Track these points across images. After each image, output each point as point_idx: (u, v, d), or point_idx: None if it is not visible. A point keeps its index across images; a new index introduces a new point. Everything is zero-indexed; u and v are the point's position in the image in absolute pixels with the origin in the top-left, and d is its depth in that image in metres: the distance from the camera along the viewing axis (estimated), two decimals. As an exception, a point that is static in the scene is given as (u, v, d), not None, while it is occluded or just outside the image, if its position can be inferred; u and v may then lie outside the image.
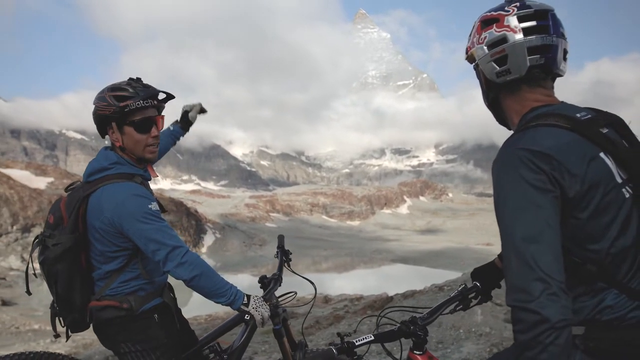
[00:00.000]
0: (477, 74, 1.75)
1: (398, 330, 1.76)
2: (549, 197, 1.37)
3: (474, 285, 2.04)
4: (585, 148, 1.43)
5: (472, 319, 7.18)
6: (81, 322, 2.38)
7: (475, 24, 1.68)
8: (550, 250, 1.32)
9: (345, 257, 56.22)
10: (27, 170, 44.23)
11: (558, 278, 1.29)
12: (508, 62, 1.56)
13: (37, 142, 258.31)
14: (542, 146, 1.40)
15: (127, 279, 2.32)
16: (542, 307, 1.25)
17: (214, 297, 2.28)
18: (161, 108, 2.46)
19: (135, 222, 2.18)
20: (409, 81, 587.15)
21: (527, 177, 1.37)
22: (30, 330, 20.15)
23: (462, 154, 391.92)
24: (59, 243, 2.24)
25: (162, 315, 2.41)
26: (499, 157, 1.48)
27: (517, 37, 1.53)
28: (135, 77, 2.40)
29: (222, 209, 77.90)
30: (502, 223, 1.41)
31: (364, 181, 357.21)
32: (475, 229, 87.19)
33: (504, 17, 1.57)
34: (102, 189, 2.25)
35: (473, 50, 1.68)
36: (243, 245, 58.83)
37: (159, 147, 2.47)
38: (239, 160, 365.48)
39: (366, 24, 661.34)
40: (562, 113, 1.51)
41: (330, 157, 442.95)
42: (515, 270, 1.33)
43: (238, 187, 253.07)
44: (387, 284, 30.75)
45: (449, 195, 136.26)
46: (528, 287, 1.29)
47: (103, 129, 2.39)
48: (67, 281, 2.27)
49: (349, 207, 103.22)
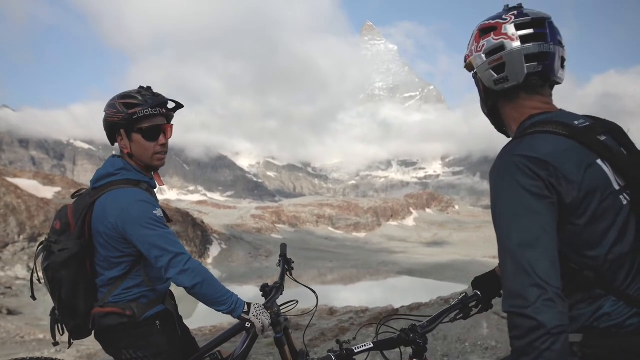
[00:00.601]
0: (475, 82, 1.76)
1: (397, 338, 1.76)
2: (546, 203, 1.37)
3: (475, 294, 2.04)
4: (582, 155, 1.43)
5: (478, 332, 7.12)
6: (84, 328, 2.39)
7: (474, 32, 1.68)
8: (546, 256, 1.32)
9: (351, 269, 55.96)
10: (35, 180, 44.41)
11: (554, 284, 1.29)
12: (506, 69, 1.57)
13: (45, 151, 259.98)
14: (538, 152, 1.40)
15: (130, 286, 2.34)
16: (538, 313, 1.25)
17: (214, 305, 2.28)
18: (170, 117, 2.48)
19: (139, 227, 2.19)
20: (416, 93, 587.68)
21: (523, 183, 1.38)
22: (35, 340, 20.12)
23: (468, 166, 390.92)
24: (65, 249, 2.25)
25: (164, 323, 2.42)
26: (496, 164, 1.50)
27: (514, 45, 1.54)
28: (145, 86, 2.42)
29: (228, 219, 77.92)
30: (499, 229, 1.41)
31: (370, 193, 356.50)
32: (482, 241, 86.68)
33: (502, 25, 1.57)
34: (107, 195, 2.27)
35: (471, 58, 1.68)
36: (249, 256, 58.70)
37: (167, 154, 2.49)
38: (246, 171, 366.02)
39: (373, 36, 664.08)
40: (560, 120, 1.51)
41: (336, 168, 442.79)
42: (511, 276, 1.33)
43: (244, 198, 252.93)
44: (393, 296, 30.59)
45: (456, 207, 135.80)
46: (524, 293, 1.29)
47: (112, 136, 2.42)
48: (71, 287, 2.28)
49: (355, 219, 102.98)
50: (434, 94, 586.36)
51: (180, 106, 2.51)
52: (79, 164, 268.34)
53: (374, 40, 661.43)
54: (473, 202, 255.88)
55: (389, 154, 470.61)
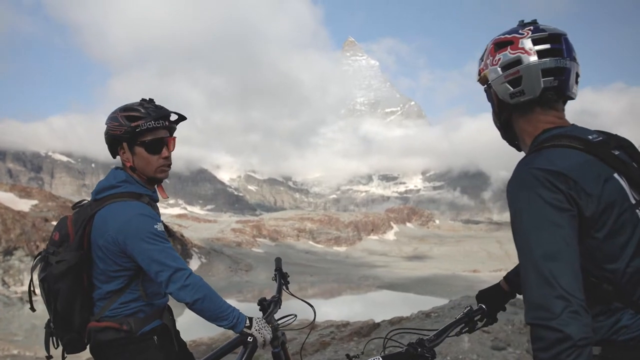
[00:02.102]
0: (488, 96, 1.76)
1: (406, 352, 1.76)
2: (567, 216, 1.37)
3: (480, 308, 2.06)
4: (600, 169, 1.44)
5: (459, 346, 7.13)
6: (78, 342, 2.35)
7: (488, 46, 1.69)
8: (569, 269, 1.32)
9: (332, 283, 55.81)
10: (12, 193, 43.60)
11: (579, 296, 1.30)
12: (522, 83, 1.57)
13: (22, 164, 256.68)
14: (558, 166, 1.41)
15: (127, 301, 2.30)
16: (564, 325, 1.25)
17: (216, 320, 2.25)
18: (173, 129, 2.46)
19: (140, 241, 2.16)
20: (397, 108, 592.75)
21: (544, 196, 1.38)
22: (10, 356, 19.68)
23: (448, 180, 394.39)
24: (63, 260, 2.21)
25: (161, 338, 2.38)
26: (515, 177, 1.49)
27: (531, 59, 1.54)
28: (147, 98, 2.41)
29: (208, 233, 77.38)
30: (520, 241, 1.41)
31: (351, 207, 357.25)
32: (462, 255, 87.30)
33: (519, 40, 1.58)
34: (108, 207, 2.25)
35: (486, 71, 1.68)
36: (229, 270, 58.29)
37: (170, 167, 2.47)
38: (226, 184, 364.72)
39: (355, 51, 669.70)
40: (575, 135, 1.52)
41: (317, 182, 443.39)
42: (534, 288, 1.33)
43: (225, 212, 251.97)
44: (374, 310, 30.53)
45: (436, 221, 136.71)
46: (549, 305, 1.28)
47: (114, 149, 2.40)
48: (67, 300, 2.24)
49: (336, 233, 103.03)
50: (414, 109, 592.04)
51: (183, 118, 2.48)
52: (56, 177, 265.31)
53: (356, 56, 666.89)
54: (453, 216, 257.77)
55: (369, 169, 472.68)
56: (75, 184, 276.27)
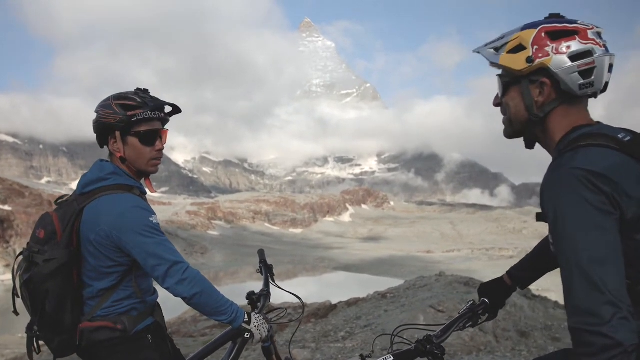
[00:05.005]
0: (505, 85, 1.65)
1: (415, 349, 1.76)
2: (611, 219, 1.36)
3: (482, 302, 2.05)
4: (637, 170, 1.42)
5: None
6: (70, 344, 2.21)
7: (534, 33, 1.56)
8: (617, 273, 1.31)
9: (288, 264, 56.11)
10: (-48, 175, 41.82)
11: (627, 301, 1.29)
12: (594, 74, 1.52)
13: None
14: (599, 167, 1.38)
15: (121, 298, 2.20)
16: (615, 331, 1.24)
17: (215, 315, 2.19)
18: (166, 121, 2.37)
19: (136, 235, 2.08)
20: (353, 90, 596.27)
21: (589, 198, 1.36)
22: None
23: (403, 162, 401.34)
24: (52, 258, 2.07)
25: (155, 336, 2.29)
26: (553, 177, 1.46)
27: (602, 52, 1.51)
28: (142, 88, 2.32)
29: (163, 216, 76.31)
30: (564, 244, 1.38)
31: (306, 189, 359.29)
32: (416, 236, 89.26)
33: (586, 31, 1.53)
34: (99, 200, 2.14)
35: (546, 59, 1.54)
36: (184, 253, 57.71)
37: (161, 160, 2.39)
38: (181, 166, 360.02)
39: (311, 32, 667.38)
40: (607, 134, 1.50)
41: (273, 164, 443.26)
42: (581, 293, 1.31)
43: (179, 194, 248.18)
44: (331, 292, 30.88)
45: (391, 203, 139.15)
46: (598, 311, 1.27)
47: (104, 138, 2.27)
48: (58, 300, 2.11)
49: (292, 215, 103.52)
50: (370, 92, 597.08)
51: (178, 110, 2.41)
52: (2, 158, 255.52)
53: (312, 37, 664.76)
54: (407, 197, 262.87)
55: (325, 151, 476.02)
56: (23, 166, 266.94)
